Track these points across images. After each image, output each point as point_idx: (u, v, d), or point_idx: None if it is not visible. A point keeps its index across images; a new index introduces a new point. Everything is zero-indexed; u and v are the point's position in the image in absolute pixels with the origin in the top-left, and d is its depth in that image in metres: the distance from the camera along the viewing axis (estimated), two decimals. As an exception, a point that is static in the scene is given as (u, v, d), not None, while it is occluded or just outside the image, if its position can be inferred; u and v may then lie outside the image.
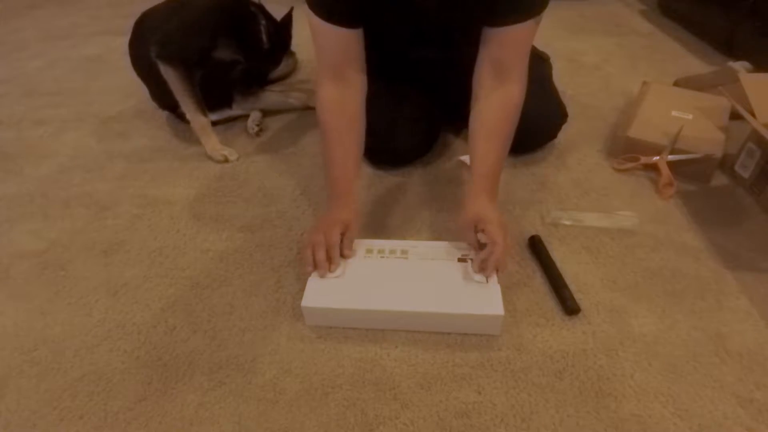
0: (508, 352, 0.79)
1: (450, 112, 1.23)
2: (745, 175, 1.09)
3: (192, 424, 0.71)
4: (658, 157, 1.12)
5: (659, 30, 1.87)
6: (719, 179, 1.12)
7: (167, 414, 0.72)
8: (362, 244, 0.91)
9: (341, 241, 0.85)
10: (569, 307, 0.83)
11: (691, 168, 1.10)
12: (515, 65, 0.89)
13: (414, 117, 1.15)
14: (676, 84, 1.44)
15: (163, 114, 1.43)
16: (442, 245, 0.90)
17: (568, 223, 1.01)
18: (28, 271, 0.97)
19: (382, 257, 0.88)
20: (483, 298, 0.80)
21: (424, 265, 0.86)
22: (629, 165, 1.14)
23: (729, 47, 1.64)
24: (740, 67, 1.36)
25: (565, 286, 0.87)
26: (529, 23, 0.86)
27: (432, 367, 0.77)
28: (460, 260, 0.86)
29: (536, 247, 0.95)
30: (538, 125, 1.13)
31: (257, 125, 1.35)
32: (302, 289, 0.83)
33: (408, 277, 0.84)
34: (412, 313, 0.80)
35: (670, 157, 1.11)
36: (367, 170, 1.19)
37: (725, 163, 1.13)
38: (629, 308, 0.85)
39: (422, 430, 0.70)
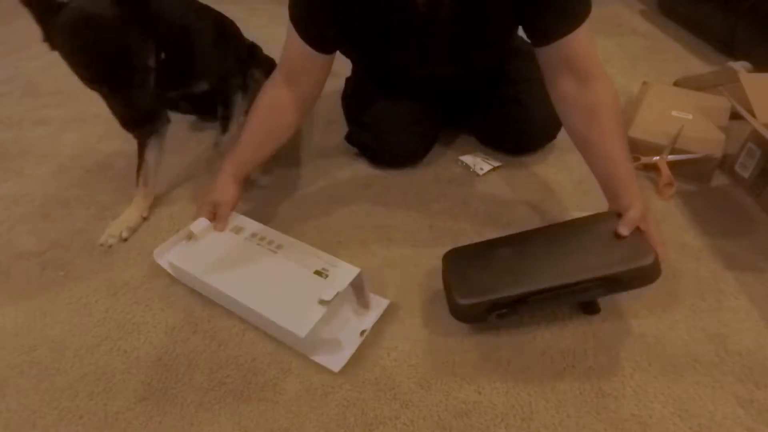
0: (508, 352, 0.79)
1: (449, 112, 1.23)
2: (745, 175, 1.09)
3: (192, 424, 0.71)
4: (658, 157, 1.12)
5: (659, 30, 1.87)
6: (719, 179, 1.12)
7: (167, 414, 0.73)
8: (252, 226, 0.93)
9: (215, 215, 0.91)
10: (590, 307, 0.83)
11: (691, 168, 1.10)
12: (590, 66, 0.84)
13: (413, 118, 1.15)
14: (676, 84, 1.44)
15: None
16: (313, 252, 0.87)
17: (568, 223, 1.01)
18: (28, 271, 0.97)
19: (258, 244, 0.89)
20: (300, 314, 0.76)
21: (284, 264, 0.85)
22: (629, 165, 1.14)
23: (729, 47, 1.64)
24: (740, 67, 1.36)
25: None
26: (585, 26, 0.83)
27: (432, 367, 0.77)
28: (316, 273, 0.82)
29: None
30: (538, 125, 1.13)
31: None
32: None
33: (261, 269, 0.85)
34: (239, 302, 0.81)
35: (670, 157, 1.11)
36: (367, 170, 1.19)
37: (725, 163, 1.13)
38: (629, 308, 0.85)
39: (422, 430, 0.70)
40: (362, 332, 0.80)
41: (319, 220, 1.05)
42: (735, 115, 1.16)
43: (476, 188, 1.13)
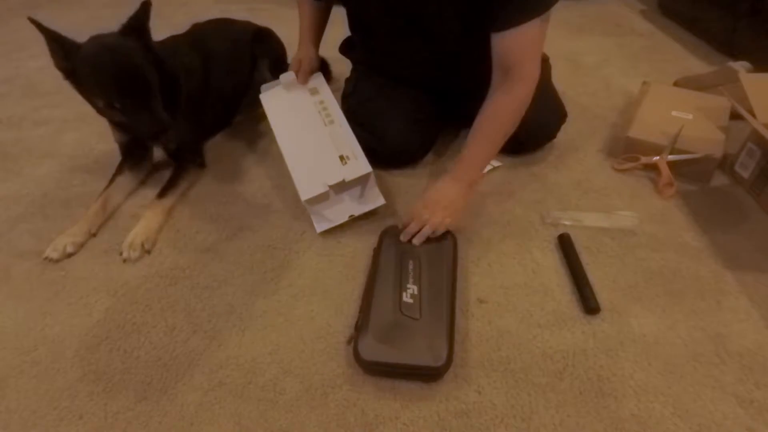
0: (508, 351, 0.79)
1: (449, 112, 1.23)
2: (745, 175, 1.09)
3: (192, 424, 0.71)
4: (658, 157, 1.12)
5: (659, 30, 1.87)
6: (719, 179, 1.12)
7: (167, 414, 0.73)
8: (324, 93, 1.11)
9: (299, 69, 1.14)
10: (590, 306, 0.84)
11: (691, 168, 1.10)
12: (522, 64, 0.90)
13: (413, 117, 1.15)
14: (676, 84, 1.44)
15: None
16: (349, 139, 1.03)
17: (568, 223, 1.01)
18: (28, 271, 0.97)
19: (318, 111, 1.08)
20: (309, 182, 0.97)
21: (323, 138, 1.04)
22: (629, 165, 1.14)
23: (729, 47, 1.64)
24: (740, 67, 1.36)
25: (588, 285, 0.87)
26: (534, 22, 0.85)
27: (432, 367, 0.77)
28: (340, 157, 1.00)
29: (565, 245, 0.95)
30: (538, 125, 1.13)
31: None
32: (301, 287, 0.85)
33: (307, 132, 1.05)
34: (279, 145, 1.04)
35: (670, 157, 1.11)
36: (367, 170, 1.19)
37: (725, 163, 1.13)
38: (629, 308, 0.85)
39: (422, 430, 0.70)
40: (350, 216, 0.99)
41: (319, 220, 1.05)
42: (735, 115, 1.16)
43: (476, 188, 1.12)
